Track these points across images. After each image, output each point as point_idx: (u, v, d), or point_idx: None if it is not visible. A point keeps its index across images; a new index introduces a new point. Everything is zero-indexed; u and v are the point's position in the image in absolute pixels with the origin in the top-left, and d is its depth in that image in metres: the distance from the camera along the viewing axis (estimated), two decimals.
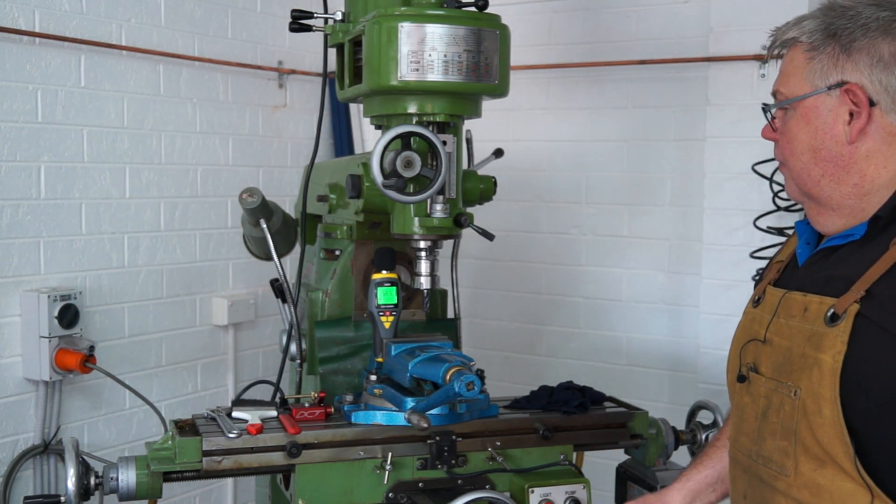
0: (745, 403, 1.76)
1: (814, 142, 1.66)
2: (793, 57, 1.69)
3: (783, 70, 1.72)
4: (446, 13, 2.13)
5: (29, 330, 3.27)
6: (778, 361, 1.66)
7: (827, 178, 1.66)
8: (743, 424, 1.76)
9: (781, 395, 1.63)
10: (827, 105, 1.64)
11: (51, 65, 3.34)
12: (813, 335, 1.58)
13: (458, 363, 2.06)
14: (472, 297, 4.24)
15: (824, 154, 1.65)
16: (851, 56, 1.60)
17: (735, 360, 1.81)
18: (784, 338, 1.66)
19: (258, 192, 2.56)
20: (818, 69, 1.63)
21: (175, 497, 3.88)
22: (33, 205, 3.32)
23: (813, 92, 1.64)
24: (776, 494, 1.65)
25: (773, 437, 1.64)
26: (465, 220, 2.21)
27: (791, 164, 1.71)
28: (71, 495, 2.06)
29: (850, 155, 1.63)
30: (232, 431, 2.15)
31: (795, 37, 1.67)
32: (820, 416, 1.53)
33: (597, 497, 2.29)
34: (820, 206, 1.70)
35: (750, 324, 1.80)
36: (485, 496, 2.08)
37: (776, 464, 1.64)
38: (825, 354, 1.54)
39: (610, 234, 4.07)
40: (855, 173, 1.63)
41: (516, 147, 4.05)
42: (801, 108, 1.66)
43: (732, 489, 1.85)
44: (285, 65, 4.32)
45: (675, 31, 3.84)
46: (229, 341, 4.12)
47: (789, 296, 1.69)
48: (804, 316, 1.63)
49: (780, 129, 1.73)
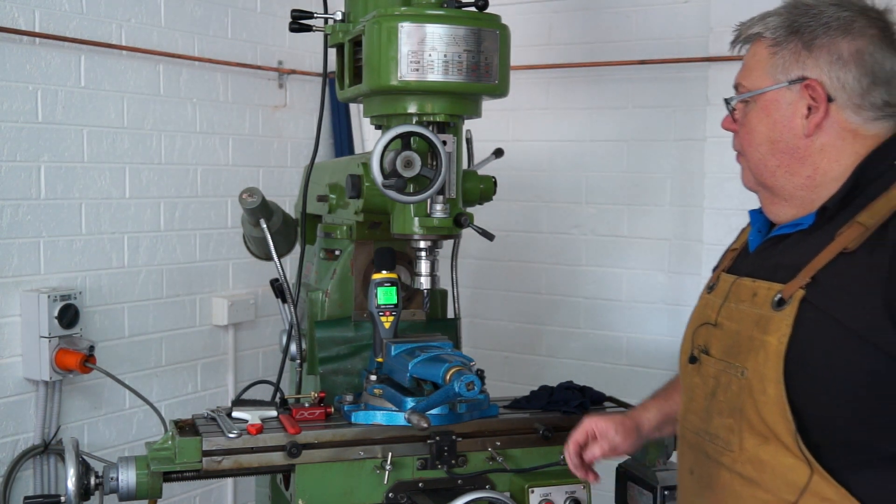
0: (694, 384, 1.83)
1: (772, 133, 1.72)
2: (756, 51, 1.75)
3: (746, 64, 1.78)
4: (446, 13, 2.13)
5: (29, 330, 3.27)
6: (727, 344, 1.74)
7: (782, 169, 1.72)
8: (692, 404, 1.83)
9: (729, 375, 1.71)
10: (787, 99, 1.70)
11: (51, 65, 3.34)
12: (760, 319, 1.66)
13: (458, 363, 2.06)
14: (472, 297, 4.24)
15: (781, 146, 1.71)
16: (812, 53, 1.67)
17: (688, 342, 1.88)
18: (733, 321, 1.74)
19: (258, 192, 2.56)
20: (780, 64, 1.70)
21: (175, 497, 3.88)
22: (33, 205, 3.32)
23: (774, 86, 1.71)
24: (721, 469, 1.72)
25: (721, 415, 1.72)
26: (465, 220, 2.21)
27: (749, 155, 1.78)
28: (71, 495, 2.06)
29: (805, 148, 1.69)
30: (232, 431, 2.15)
31: (759, 32, 1.74)
32: (764, 395, 1.61)
33: (597, 497, 2.29)
34: (773, 196, 1.77)
35: (703, 309, 1.88)
36: (485, 496, 2.09)
37: (722, 440, 1.72)
38: (771, 337, 1.62)
39: (610, 234, 4.07)
40: (809, 165, 1.70)
41: (516, 147, 4.05)
42: (762, 100, 1.73)
43: (680, 465, 1.92)
44: (285, 65, 4.32)
45: (675, 31, 3.84)
46: (229, 341, 4.12)
47: (740, 281, 1.77)
48: (753, 301, 1.70)
49: (739, 121, 1.79)
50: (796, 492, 1.60)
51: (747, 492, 1.68)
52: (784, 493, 1.62)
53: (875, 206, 1.60)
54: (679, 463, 1.93)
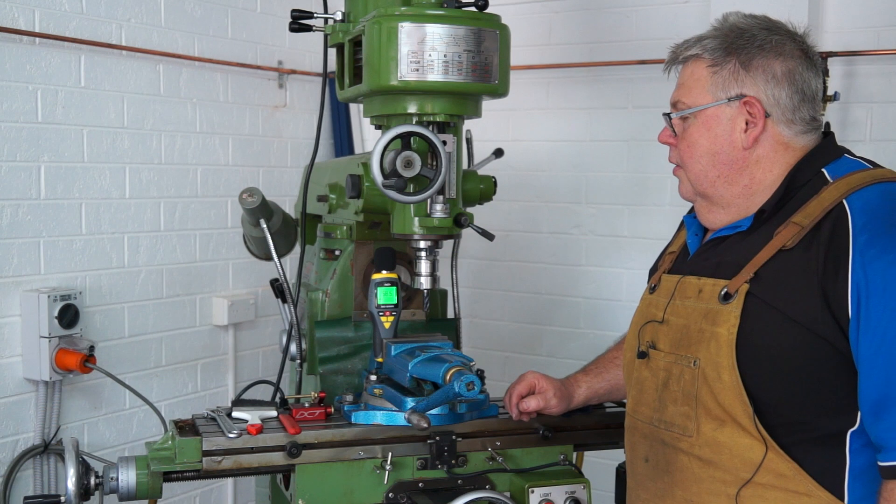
0: (643, 377, 1.97)
1: (713, 146, 1.87)
2: (693, 71, 1.90)
3: (684, 83, 1.92)
4: (446, 13, 2.13)
5: (29, 330, 3.27)
6: (676, 338, 1.88)
7: (722, 179, 1.87)
8: (642, 396, 1.97)
9: (681, 366, 1.84)
10: (727, 114, 1.85)
11: (51, 65, 3.34)
12: (709, 312, 1.81)
13: (458, 363, 2.06)
14: (472, 297, 4.24)
15: (722, 157, 1.86)
16: (750, 72, 1.82)
17: (633, 339, 2.03)
18: (680, 317, 1.89)
19: (258, 192, 2.56)
20: (720, 82, 1.84)
21: (175, 497, 3.88)
22: (33, 205, 3.32)
23: (714, 102, 1.85)
24: (679, 454, 1.86)
25: (675, 404, 1.86)
26: (465, 220, 2.21)
27: (690, 167, 1.92)
28: (71, 495, 2.06)
29: (743, 159, 1.85)
30: (232, 431, 2.15)
31: (698, 53, 1.88)
32: (720, 382, 1.76)
33: (597, 497, 2.29)
34: (711, 204, 1.93)
35: (647, 308, 2.04)
36: (485, 496, 2.09)
37: (679, 427, 1.85)
38: (721, 328, 1.76)
39: (610, 234, 4.07)
40: (746, 175, 1.86)
41: (516, 147, 4.05)
42: (703, 116, 1.87)
43: (632, 454, 2.04)
44: (285, 65, 4.32)
45: (675, 31, 3.81)
46: (229, 341, 4.12)
47: (685, 280, 1.92)
48: (699, 296, 1.85)
49: (679, 135, 1.94)
50: (752, 469, 1.74)
51: (706, 473, 1.81)
52: (741, 472, 1.76)
53: (808, 208, 1.75)
54: (630, 453, 2.05)
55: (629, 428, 2.04)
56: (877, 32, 3.45)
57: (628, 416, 2.04)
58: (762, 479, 1.73)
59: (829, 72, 3.37)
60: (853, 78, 3.48)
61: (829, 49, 3.42)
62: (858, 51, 3.44)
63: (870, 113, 3.48)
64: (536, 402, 2.23)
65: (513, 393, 2.27)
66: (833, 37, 3.47)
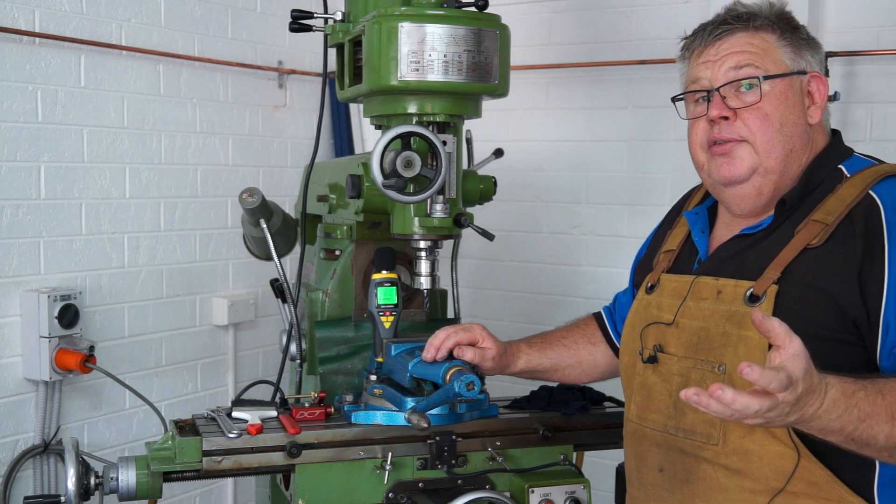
0: (651, 383, 1.87)
1: (791, 117, 1.77)
2: (764, 37, 1.79)
3: (755, 47, 1.78)
4: (446, 13, 2.13)
5: (29, 330, 3.27)
6: (692, 342, 1.78)
7: (794, 153, 1.78)
8: (651, 402, 1.87)
9: (702, 371, 1.75)
10: (798, 86, 1.78)
11: (51, 65, 3.35)
12: (733, 315, 1.71)
13: (458, 363, 2.06)
14: (472, 297, 4.24)
15: (797, 130, 1.78)
16: (809, 50, 1.80)
17: (633, 342, 1.94)
18: (696, 319, 1.79)
19: (258, 192, 2.56)
20: (791, 54, 1.78)
21: (175, 497, 3.88)
22: (33, 205, 3.32)
23: (792, 72, 1.78)
24: (701, 463, 1.76)
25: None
26: (465, 220, 2.21)
27: (765, 138, 1.77)
28: (71, 495, 2.06)
29: (808, 136, 1.79)
30: (232, 431, 2.15)
31: (767, 21, 1.80)
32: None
33: (597, 497, 2.29)
34: (765, 183, 1.78)
35: (646, 309, 1.93)
36: (485, 496, 2.09)
37: (701, 435, 1.75)
38: (750, 331, 1.66)
39: (610, 234, 4.07)
40: (805, 154, 1.79)
41: (516, 147, 4.05)
42: (781, 85, 1.78)
43: (638, 462, 1.94)
44: (285, 65, 4.32)
45: (675, 31, 3.81)
46: (229, 341, 4.12)
47: (699, 280, 1.82)
48: (718, 298, 1.76)
49: (743, 106, 1.78)
50: (784, 478, 1.65)
51: (733, 482, 1.72)
52: (772, 481, 1.67)
53: (827, 205, 1.70)
54: (635, 461, 1.96)
55: (634, 435, 1.96)
56: (877, 32, 3.45)
57: (631, 422, 1.97)
58: (794, 487, 1.66)
59: (829, 72, 3.37)
60: (853, 78, 3.48)
61: (829, 49, 3.42)
62: (858, 51, 3.44)
63: (870, 113, 3.48)
64: (472, 355, 2.08)
65: (450, 335, 2.09)
66: (833, 37, 3.47)
